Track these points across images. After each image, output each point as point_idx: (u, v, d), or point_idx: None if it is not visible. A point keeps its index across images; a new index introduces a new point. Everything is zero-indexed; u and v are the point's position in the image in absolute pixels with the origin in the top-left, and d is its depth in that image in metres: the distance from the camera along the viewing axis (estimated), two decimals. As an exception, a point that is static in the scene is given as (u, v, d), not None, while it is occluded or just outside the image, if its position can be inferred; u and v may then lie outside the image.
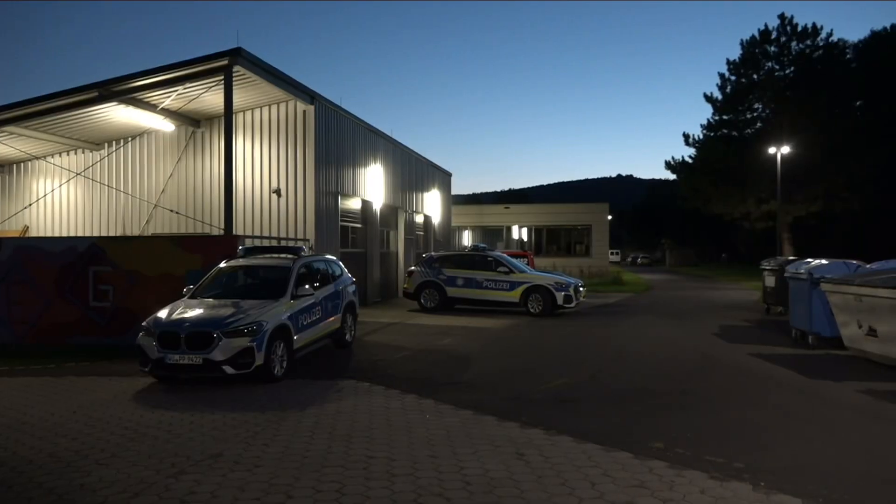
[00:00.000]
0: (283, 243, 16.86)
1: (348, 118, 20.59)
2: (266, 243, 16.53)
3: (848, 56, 45.13)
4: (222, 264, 11.41)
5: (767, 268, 19.54)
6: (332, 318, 11.74)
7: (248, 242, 15.24)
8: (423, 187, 29.25)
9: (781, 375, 10.17)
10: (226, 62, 14.92)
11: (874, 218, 41.59)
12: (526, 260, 24.53)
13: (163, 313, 9.63)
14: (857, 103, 44.96)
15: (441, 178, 32.58)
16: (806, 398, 8.60)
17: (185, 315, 9.43)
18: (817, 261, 13.85)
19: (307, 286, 10.65)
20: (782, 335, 14.56)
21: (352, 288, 13.12)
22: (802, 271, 13.40)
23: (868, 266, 13.19)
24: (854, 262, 13.48)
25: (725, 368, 10.83)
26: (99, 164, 20.40)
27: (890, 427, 7.27)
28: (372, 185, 22.38)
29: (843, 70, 43.24)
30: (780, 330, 15.41)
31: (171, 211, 19.28)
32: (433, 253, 21.97)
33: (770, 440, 6.70)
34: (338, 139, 19.73)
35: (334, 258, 13.44)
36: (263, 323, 9.25)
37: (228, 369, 8.91)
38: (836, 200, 39.97)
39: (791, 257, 21.65)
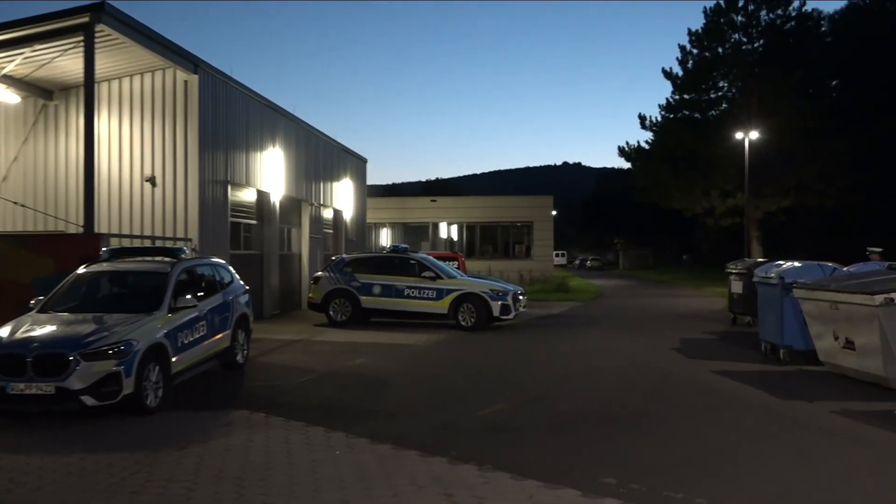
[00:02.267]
0: (160, 244, 16.55)
1: (241, 91, 20.32)
2: (138, 243, 16.20)
3: (823, 29, 47.32)
4: (81, 270, 11.14)
5: (734, 271, 20.16)
6: (219, 335, 11.60)
7: (115, 243, 14.91)
8: (334, 176, 29.16)
9: (749, 395, 10.54)
10: (86, 19, 14.52)
11: (852, 214, 43.65)
12: (456, 263, 24.72)
13: (4, 331, 9.32)
14: (833, 83, 47.23)
15: (355, 164, 32.56)
16: (776, 421, 8.95)
17: (33, 333, 9.13)
18: (789, 263, 14.29)
19: (189, 296, 10.48)
20: (750, 349, 15.03)
21: (244, 298, 12.97)
22: (773, 275, 13.84)
23: (845, 269, 14.00)
24: (829, 264, 14.00)
25: (686, 388, 11.15)
26: (-79, 143, 19.50)
27: (866, 452, 7.63)
28: (270, 173, 22.13)
29: (817, 44, 45.29)
30: (749, 343, 15.89)
31: (15, 203, 18.63)
32: (344, 255, 21.90)
33: (736, 471, 6.94)
34: (228, 116, 19.46)
35: (223, 262, 13.29)
36: (133, 342, 9.03)
37: (89, 400, 8.65)
38: (809, 193, 41.81)
39: (760, 259, 22.74)
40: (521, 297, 19.64)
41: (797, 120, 40.97)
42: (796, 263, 14.16)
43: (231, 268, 13.36)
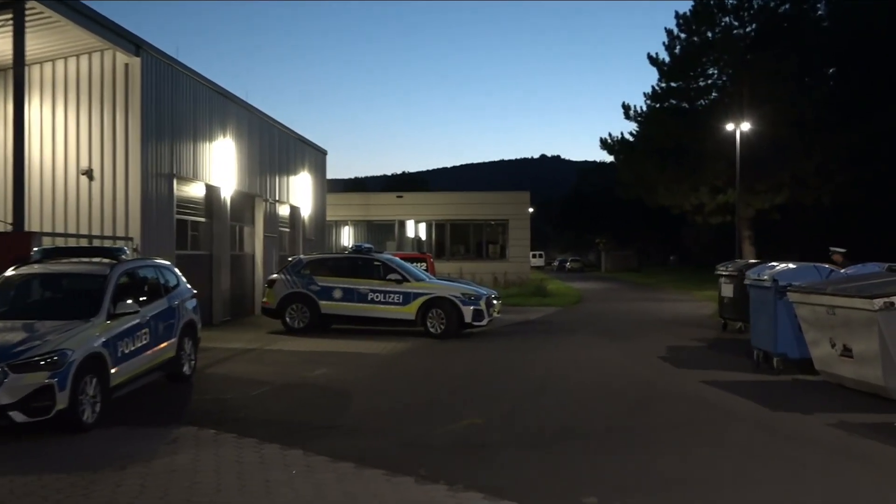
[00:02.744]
0: (97, 243, 16.35)
1: (188, 76, 20.15)
2: (73, 243, 15.99)
3: (819, 13, 47.89)
4: (10, 272, 10.99)
5: (724, 273, 20.36)
6: (164, 344, 11.51)
7: (48, 242, 14.73)
8: (291, 169, 29.04)
9: (740, 407, 10.65)
10: (15, -5, 14.28)
11: (851, 212, 44.15)
12: (424, 265, 24.75)
13: (-77, 340, 9.10)
14: (831, 70, 47.74)
15: (313, 157, 32.43)
16: (769, 435, 9.06)
17: (-44, 342, 8.94)
18: (783, 264, 14.48)
19: (130, 301, 10.37)
20: (742, 357, 15.14)
21: (192, 303, 12.88)
22: (765, 277, 14.01)
23: (843, 271, 14.11)
24: (826, 265, 14.28)
25: (673, 400, 11.24)
26: None
27: (863, 468, 7.76)
28: (220, 166, 21.99)
29: (813, 29, 45.79)
30: (740, 351, 16.00)
31: (-64, 198, 18.29)
32: (302, 256, 21.83)
33: (726, 490, 7.01)
34: (174, 103, 19.29)
35: (167, 263, 13.18)
36: (68, 352, 8.91)
37: (18, 416, 8.52)
38: (805, 190, 42.23)
39: (753, 260, 22.90)
40: (495, 302, 19.66)
41: (792, 110, 41.28)
42: (791, 265, 14.32)
43: (177, 270, 13.25)
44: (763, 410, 10.43)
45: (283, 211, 28.74)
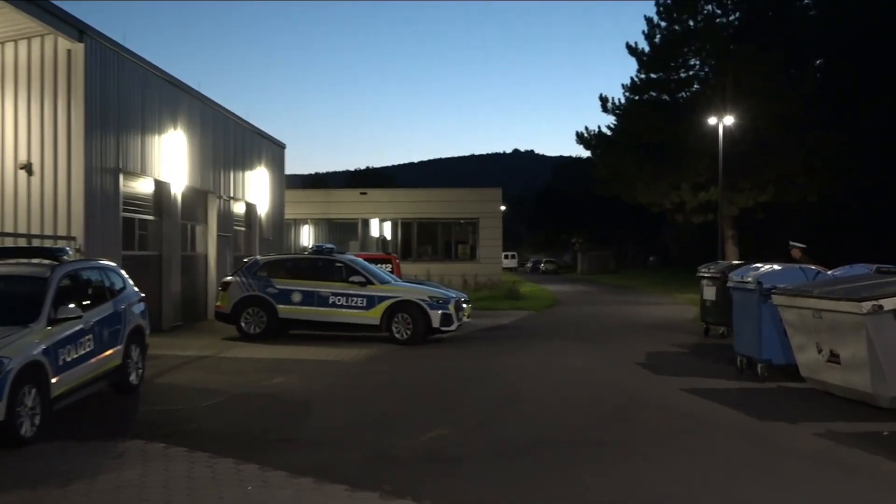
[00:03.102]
0: (37, 243, 16.12)
1: (137, 64, 19.98)
2: (10, 243, 15.81)
3: (807, 2, 48.42)
4: (-59, 274, 10.78)
5: (706, 275, 20.54)
6: (109, 352, 11.41)
7: (-17, 242, 14.49)
8: (247, 164, 28.90)
9: (723, 417, 10.76)
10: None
11: (838, 210, 44.62)
12: (390, 266, 24.72)
13: None
14: (818, 62, 48.27)
15: (271, 151, 32.32)
16: (753, 446, 9.16)
17: None
18: (768, 266, 14.58)
19: (72, 305, 10.28)
20: (725, 364, 15.33)
21: (139, 307, 12.80)
22: (749, 279, 14.10)
23: (830, 273, 14.20)
24: (812, 267, 14.36)
25: (653, 410, 11.32)
26: None
27: (852, 479, 7.88)
28: (171, 160, 21.85)
29: (801, 19, 46.27)
30: (723, 357, 16.19)
31: None
32: (259, 257, 21.75)
33: None
34: (120, 93, 19.11)
35: (113, 265, 13.09)
36: (4, 360, 8.80)
37: (-50, 429, 8.39)
38: (791, 188, 42.66)
39: (736, 261, 23.01)
40: (464, 306, 19.75)
41: (778, 104, 41.60)
42: (776, 266, 14.40)
43: (123, 272, 13.15)
44: (747, 419, 10.53)
45: (239, 208, 28.59)
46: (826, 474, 8.04)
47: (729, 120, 37.51)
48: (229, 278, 20.28)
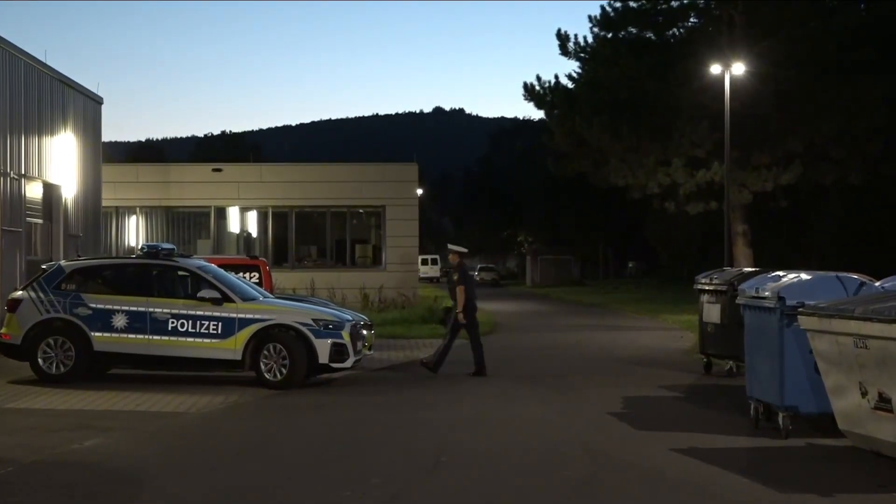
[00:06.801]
0: None
1: None
2: None
3: None
4: None
5: (708, 288, 18.29)
6: None
7: None
8: (45, 126, 25.32)
9: (731, 489, 9.25)
10: None
11: (889, 197, 39.69)
12: (257, 276, 22.03)
13: None
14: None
15: (82, 108, 28.40)
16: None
17: None
18: (792, 274, 12.93)
19: None
20: (733, 413, 13.54)
21: None
22: (767, 294, 12.41)
23: (878, 284, 13.00)
24: (854, 276, 12.69)
25: (632, 480, 9.84)
26: None
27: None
28: None
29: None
30: (731, 404, 14.32)
31: None
32: (64, 262, 18.75)
33: None
34: None
35: None
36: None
37: None
38: (825, 164, 37.18)
39: (749, 269, 21.21)
40: (364, 333, 17.36)
41: (805, 45, 35.96)
42: (803, 275, 12.73)
43: None
44: (764, 491, 9.01)
45: (34, 191, 24.97)
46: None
47: (738, 68, 31.83)
48: (19, 294, 17.19)
